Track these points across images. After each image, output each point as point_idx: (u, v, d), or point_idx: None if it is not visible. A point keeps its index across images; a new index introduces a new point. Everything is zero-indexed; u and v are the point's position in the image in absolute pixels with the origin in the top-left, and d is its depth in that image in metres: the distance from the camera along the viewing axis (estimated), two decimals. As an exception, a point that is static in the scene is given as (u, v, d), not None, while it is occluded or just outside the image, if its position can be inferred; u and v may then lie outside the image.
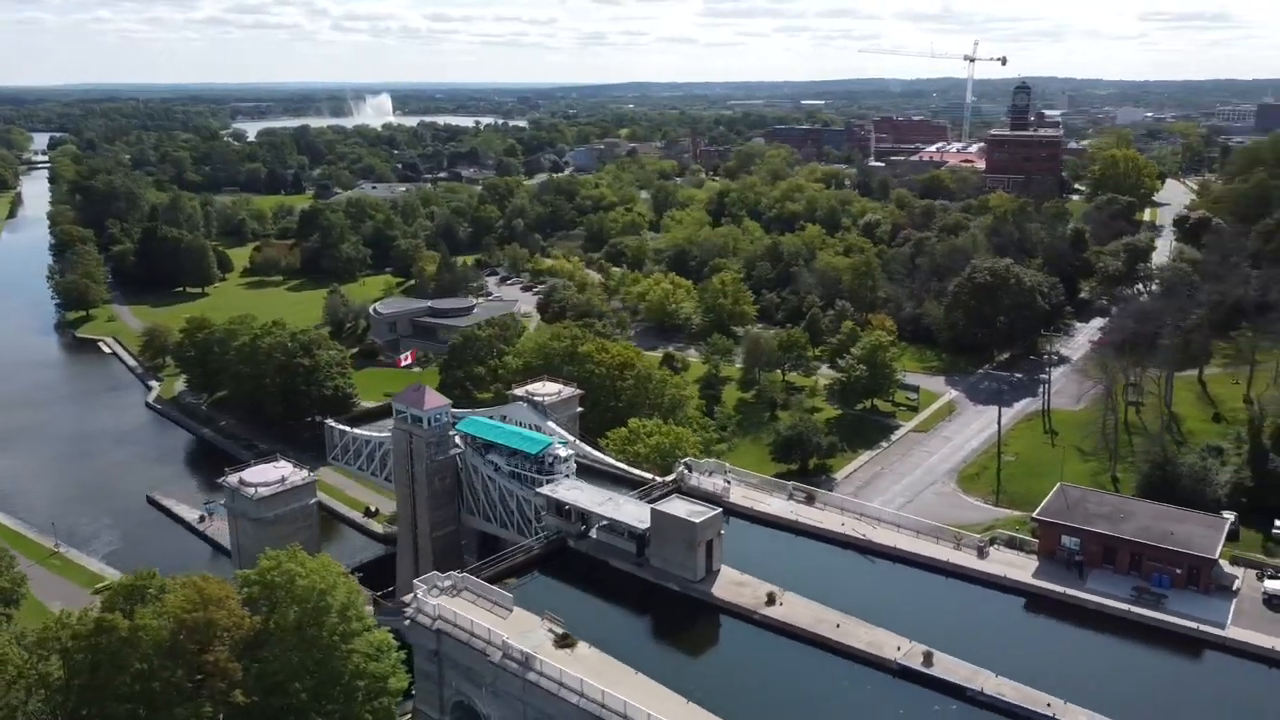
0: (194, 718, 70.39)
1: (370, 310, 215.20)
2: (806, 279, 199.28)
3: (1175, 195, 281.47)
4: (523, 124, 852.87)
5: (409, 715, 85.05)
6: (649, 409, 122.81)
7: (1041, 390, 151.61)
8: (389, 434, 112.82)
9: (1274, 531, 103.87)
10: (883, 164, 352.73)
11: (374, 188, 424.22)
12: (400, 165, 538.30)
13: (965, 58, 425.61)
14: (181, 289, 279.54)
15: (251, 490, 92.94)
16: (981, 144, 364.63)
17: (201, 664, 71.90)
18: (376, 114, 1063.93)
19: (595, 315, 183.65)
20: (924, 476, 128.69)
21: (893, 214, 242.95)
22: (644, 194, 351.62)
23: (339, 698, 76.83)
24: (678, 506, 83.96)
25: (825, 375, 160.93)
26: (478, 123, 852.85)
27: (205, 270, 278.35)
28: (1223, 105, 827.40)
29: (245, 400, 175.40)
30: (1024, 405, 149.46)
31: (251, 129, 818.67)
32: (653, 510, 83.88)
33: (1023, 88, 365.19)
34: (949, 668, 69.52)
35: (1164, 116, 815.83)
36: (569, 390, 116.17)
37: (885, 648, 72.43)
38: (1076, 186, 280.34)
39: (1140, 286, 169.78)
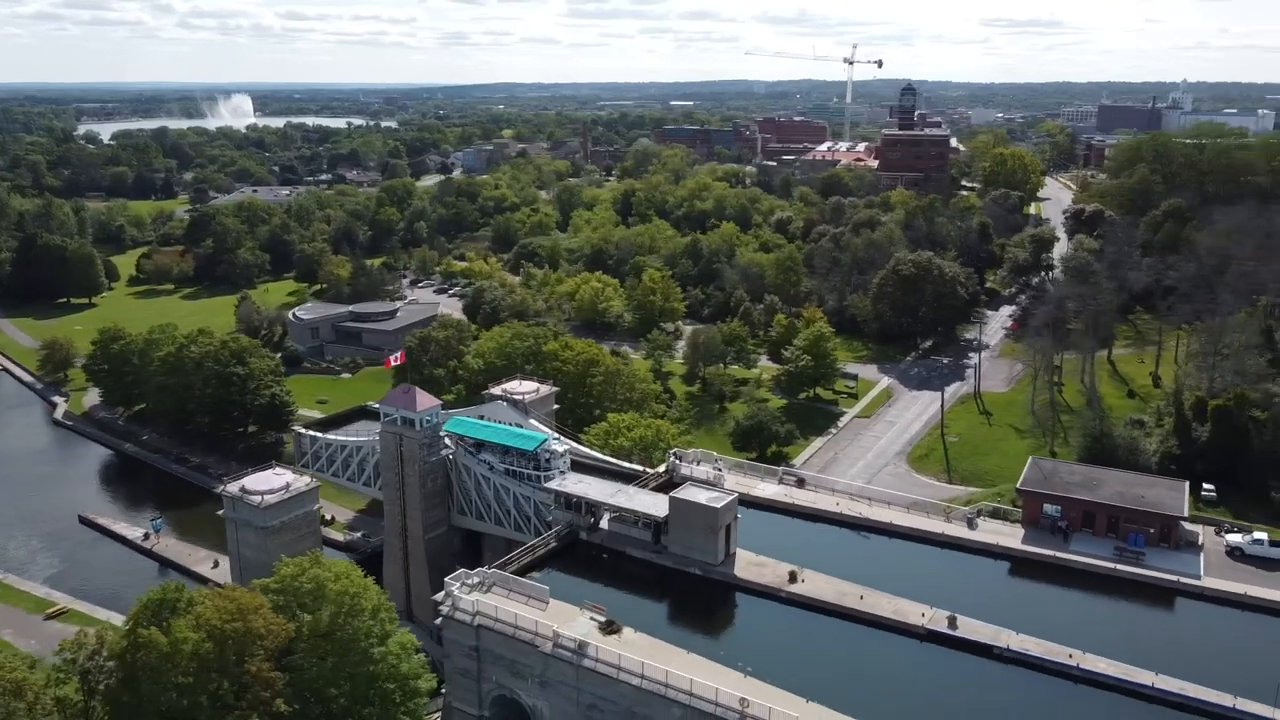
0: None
1: (289, 316, 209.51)
2: (730, 275, 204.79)
3: (1052, 191, 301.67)
4: (393, 124, 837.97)
5: (434, 715, 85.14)
6: (619, 404, 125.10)
7: (969, 374, 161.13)
8: (369, 438, 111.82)
9: (1203, 494, 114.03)
10: (775, 163, 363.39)
11: (255, 191, 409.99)
12: (278, 168, 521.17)
13: (845, 60, 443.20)
14: (66, 300, 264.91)
15: (257, 499, 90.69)
16: (867, 143, 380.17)
17: (242, 674, 70.67)
18: (235, 115, 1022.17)
19: (530, 316, 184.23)
20: (876, 459, 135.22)
21: (803, 211, 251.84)
22: (544, 194, 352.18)
23: (375, 700, 76.60)
24: (695, 493, 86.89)
25: (764, 367, 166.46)
26: (350, 124, 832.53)
27: (93, 279, 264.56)
28: (1066, 106, 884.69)
29: (170, 412, 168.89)
30: (955, 389, 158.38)
31: (103, 130, 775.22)
32: (671, 498, 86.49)
33: (909, 89, 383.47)
34: (973, 629, 74.78)
35: (1013, 117, 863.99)
36: (546, 388, 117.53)
37: (910, 615, 77.22)
38: (965, 183, 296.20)
39: (1045, 275, 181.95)
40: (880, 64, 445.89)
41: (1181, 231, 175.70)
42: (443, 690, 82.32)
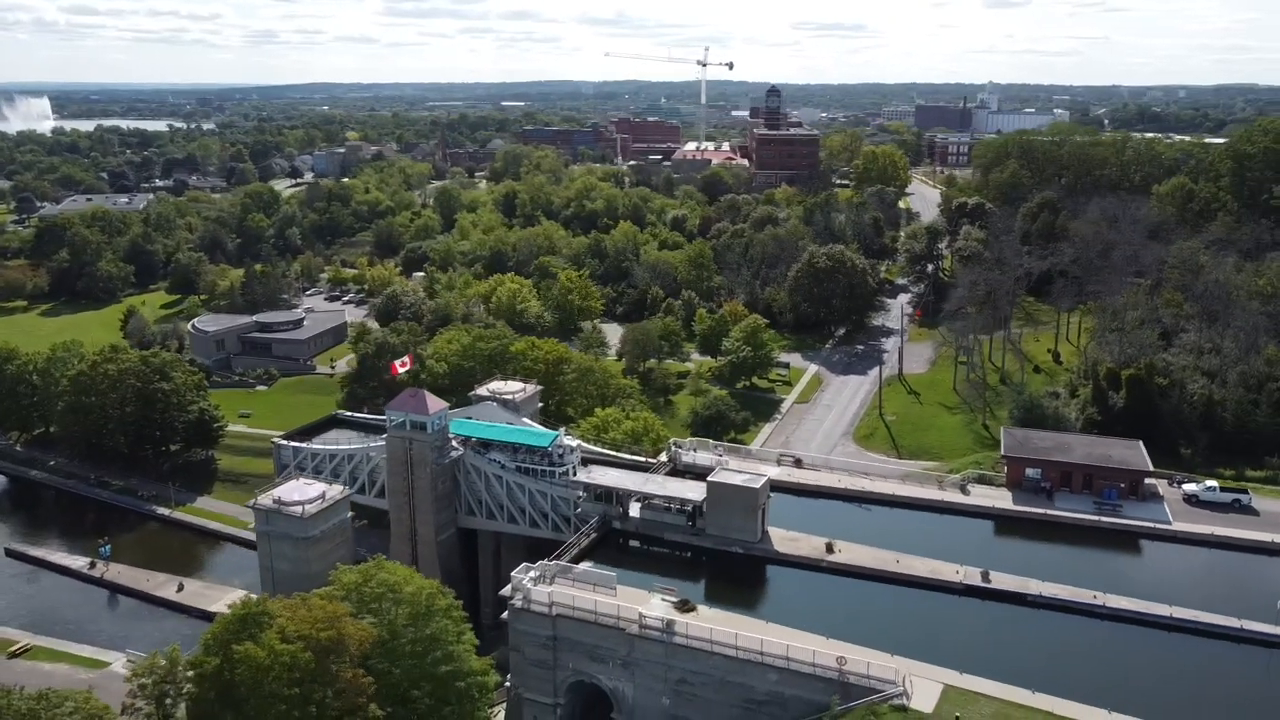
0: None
1: (190, 328, 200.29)
2: (641, 273, 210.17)
3: (913, 186, 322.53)
4: (212, 126, 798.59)
5: (496, 709, 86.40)
6: (592, 400, 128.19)
7: (887, 359, 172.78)
8: (362, 445, 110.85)
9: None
10: (643, 162, 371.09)
11: (89, 199, 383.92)
12: (107, 174, 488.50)
13: (698, 63, 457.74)
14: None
15: (298, 509, 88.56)
16: (729, 143, 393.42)
17: (336, 681, 70.62)
18: (30, 118, 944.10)
19: (456, 319, 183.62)
20: (825, 440, 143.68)
21: (697, 209, 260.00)
22: (415, 196, 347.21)
23: (454, 699, 77.53)
24: (731, 476, 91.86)
25: (697, 361, 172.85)
26: (171, 126, 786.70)
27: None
28: (886, 106, 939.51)
29: (79, 435, 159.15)
30: (878, 373, 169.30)
31: None
32: (710, 482, 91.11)
33: (773, 90, 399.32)
34: (1005, 581, 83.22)
35: (835, 116, 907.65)
36: (531, 387, 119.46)
37: (944, 573, 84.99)
38: (835, 180, 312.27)
39: (937, 264, 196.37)
40: (731, 66, 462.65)
41: (1055, 221, 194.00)
42: (506, 684, 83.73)
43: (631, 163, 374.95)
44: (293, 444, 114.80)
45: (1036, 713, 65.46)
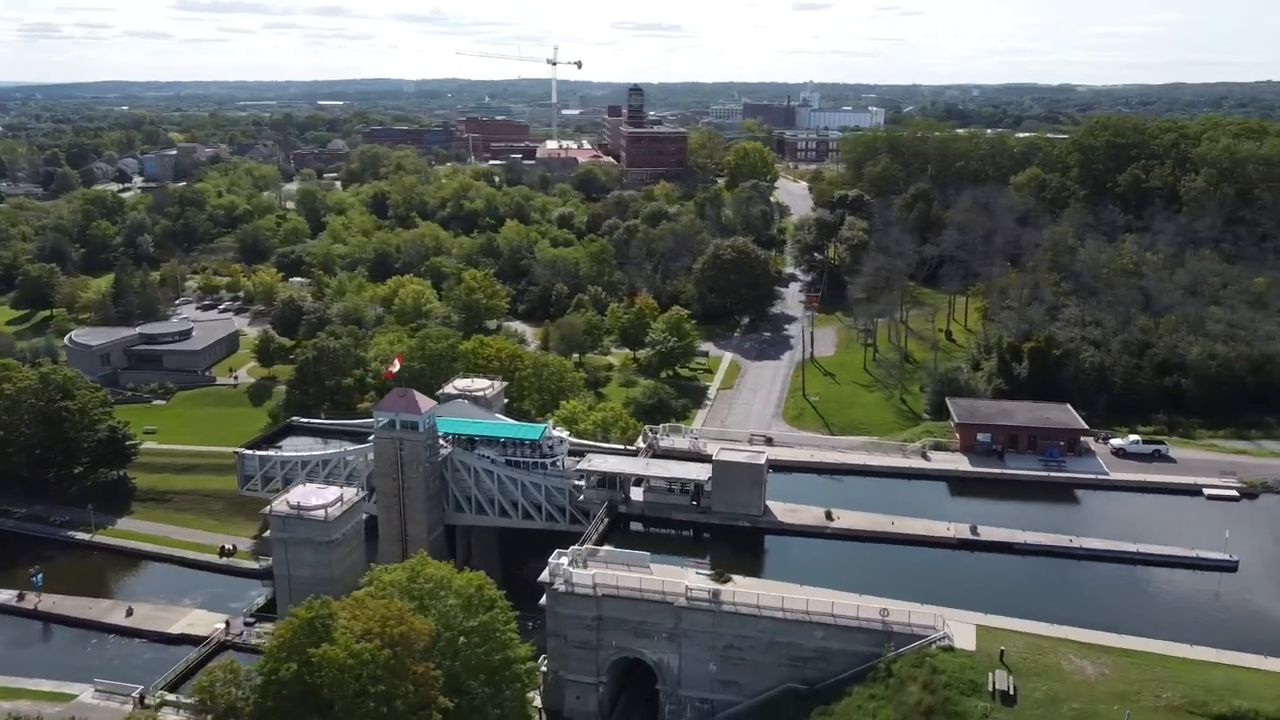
0: (426, 728, 70.26)
1: (67, 343, 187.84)
2: (541, 270, 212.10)
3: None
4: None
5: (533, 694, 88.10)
6: (548, 394, 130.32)
7: (794, 344, 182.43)
8: (340, 449, 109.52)
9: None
10: (503, 161, 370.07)
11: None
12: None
13: (548, 61, 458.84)
14: None
15: (320, 513, 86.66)
16: (586, 141, 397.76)
17: (411, 676, 71.43)
18: None
19: (360, 322, 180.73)
20: (758, 422, 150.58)
21: (582, 207, 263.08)
22: (268, 197, 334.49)
23: (508, 686, 79.13)
24: (733, 455, 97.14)
25: (617, 353, 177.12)
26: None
27: None
28: (716, 105, 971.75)
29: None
30: (789, 357, 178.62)
31: None
32: (715, 461, 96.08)
33: (636, 89, 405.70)
34: (992, 534, 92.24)
35: (662, 115, 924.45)
36: (498, 383, 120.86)
37: (937, 530, 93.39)
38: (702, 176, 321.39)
39: (832, 253, 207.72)
40: (580, 65, 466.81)
41: (930, 210, 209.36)
42: (541, 668, 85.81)
43: (496, 161, 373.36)
44: (259, 453, 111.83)
45: (1062, 642, 73.92)
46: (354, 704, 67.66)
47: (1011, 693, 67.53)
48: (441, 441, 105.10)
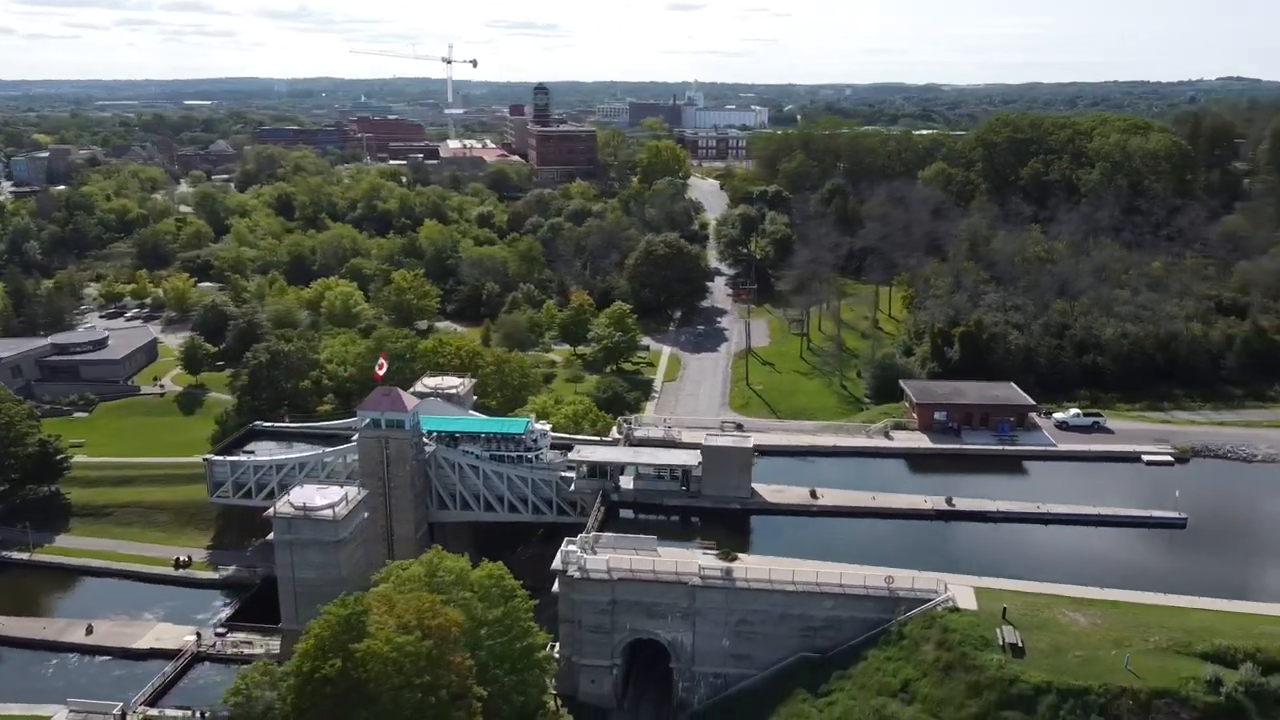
0: (467, 716, 71.30)
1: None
2: (469, 270, 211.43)
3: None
4: None
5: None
6: (510, 390, 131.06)
7: (729, 336, 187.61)
8: (317, 451, 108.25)
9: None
10: (404, 161, 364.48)
11: None
12: None
13: (443, 60, 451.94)
14: None
15: (329, 512, 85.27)
16: (488, 141, 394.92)
17: (450, 667, 72.34)
18: None
19: (293, 325, 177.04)
20: (708, 411, 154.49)
21: (508, 206, 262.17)
22: (165, 201, 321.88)
23: (526, 673, 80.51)
24: (721, 440, 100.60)
25: (559, 350, 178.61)
26: None
27: None
28: (601, 104, 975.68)
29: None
30: (726, 349, 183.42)
31: None
32: (705, 446, 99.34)
33: (541, 88, 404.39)
34: (966, 505, 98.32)
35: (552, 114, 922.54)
36: (469, 381, 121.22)
37: (916, 503, 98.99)
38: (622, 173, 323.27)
39: (754, 247, 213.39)
40: (475, 64, 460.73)
41: (847, 205, 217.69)
42: (555, 654, 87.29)
43: (398, 161, 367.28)
44: (230, 459, 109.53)
45: (1053, 598, 79.96)
46: (400, 696, 68.16)
47: (1020, 645, 72.88)
48: (425, 439, 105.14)
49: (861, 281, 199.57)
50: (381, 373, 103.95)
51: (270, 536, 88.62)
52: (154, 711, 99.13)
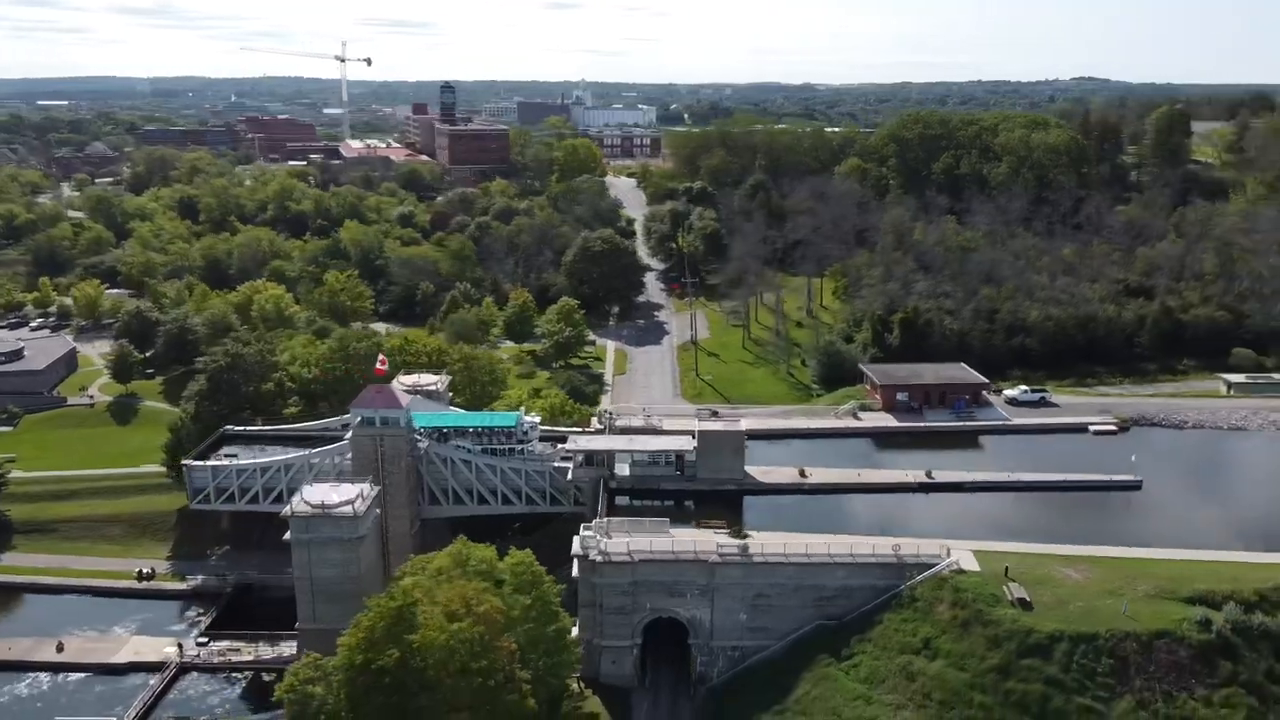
0: (519, 699, 73.00)
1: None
2: (399, 270, 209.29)
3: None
4: None
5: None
6: (481, 385, 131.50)
7: (669, 329, 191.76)
8: (303, 454, 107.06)
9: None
10: (305, 162, 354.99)
11: None
12: None
13: (336, 58, 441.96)
14: None
15: (348, 509, 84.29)
16: (390, 141, 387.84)
17: (500, 652, 73.83)
18: None
19: (227, 329, 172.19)
20: (661, 401, 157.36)
21: (429, 205, 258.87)
22: (55, 205, 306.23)
23: (557, 656, 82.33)
24: (714, 425, 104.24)
25: (506, 347, 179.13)
26: None
27: None
28: (487, 104, 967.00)
29: None
30: (668, 342, 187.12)
31: None
32: (700, 431, 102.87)
33: (448, 87, 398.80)
34: (945, 476, 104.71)
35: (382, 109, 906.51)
36: (444, 377, 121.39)
37: (898, 477, 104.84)
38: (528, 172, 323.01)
39: (682, 242, 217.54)
40: (370, 62, 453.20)
41: (770, 200, 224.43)
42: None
43: (295, 162, 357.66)
44: (211, 464, 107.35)
45: (1045, 557, 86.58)
46: (459, 682, 69.41)
47: (1027, 599, 78.83)
48: (417, 435, 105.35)
49: (790, 274, 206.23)
50: (384, 369, 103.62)
51: (288, 535, 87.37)
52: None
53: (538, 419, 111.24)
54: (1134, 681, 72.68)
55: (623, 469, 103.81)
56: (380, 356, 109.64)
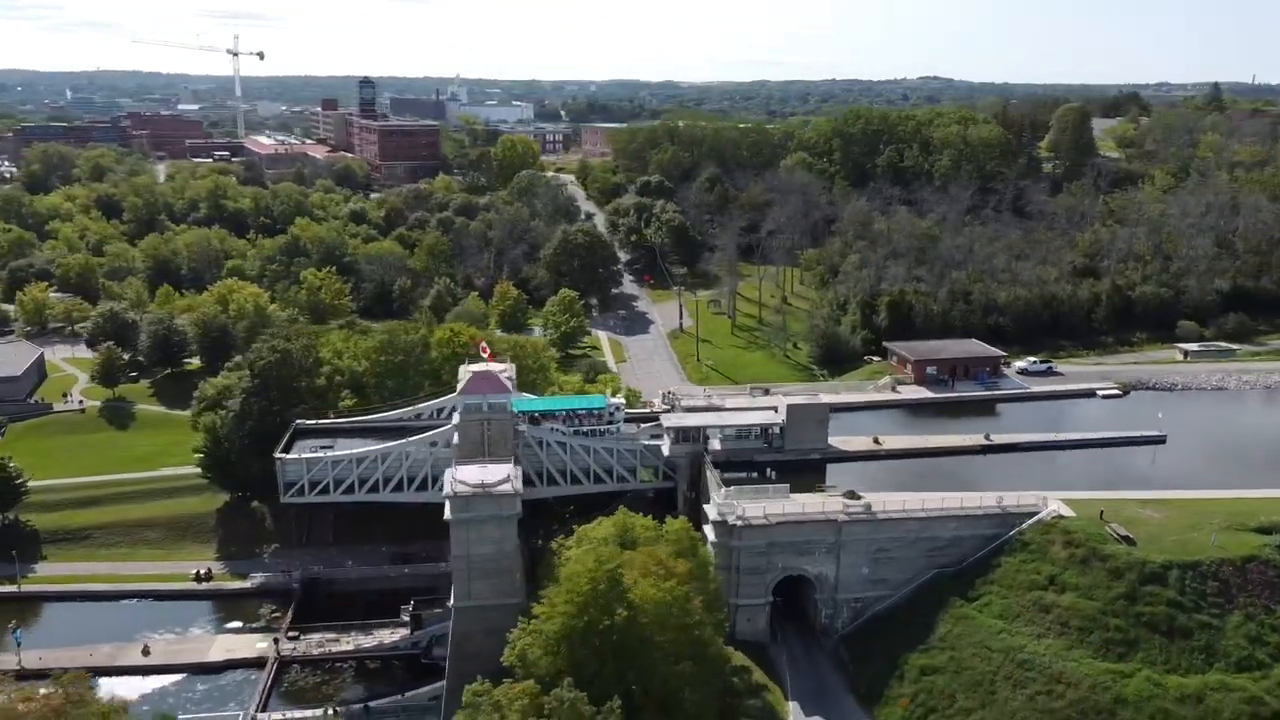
0: (718, 650, 78.71)
1: None
2: (366, 267, 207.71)
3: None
4: None
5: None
6: (527, 373, 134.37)
7: (651, 318, 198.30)
8: (398, 443, 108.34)
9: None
10: (210, 159, 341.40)
11: None
12: None
13: (229, 52, 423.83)
14: None
15: (507, 486, 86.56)
16: (302, 138, 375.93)
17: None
18: None
19: (217, 328, 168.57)
20: (670, 385, 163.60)
21: (383, 203, 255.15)
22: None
23: (715, 613, 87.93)
24: (800, 399, 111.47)
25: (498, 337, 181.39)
26: None
27: None
28: (381, 98, 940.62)
29: None
30: (655, 330, 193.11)
31: None
32: (789, 405, 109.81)
33: (368, 82, 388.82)
34: (1002, 438, 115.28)
35: (299, 109, 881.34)
36: (512, 365, 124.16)
37: (962, 441, 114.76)
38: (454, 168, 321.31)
39: (652, 233, 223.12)
40: (262, 56, 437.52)
41: (726, 194, 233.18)
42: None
43: (200, 159, 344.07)
44: (304, 456, 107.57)
45: (1122, 502, 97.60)
46: (677, 638, 74.43)
47: (1130, 537, 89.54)
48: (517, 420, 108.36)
49: (751, 264, 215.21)
50: (487, 355, 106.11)
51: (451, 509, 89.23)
52: (277, 716, 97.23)
53: (622, 400, 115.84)
54: (1237, 599, 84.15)
55: (715, 444, 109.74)
56: (483, 344, 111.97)
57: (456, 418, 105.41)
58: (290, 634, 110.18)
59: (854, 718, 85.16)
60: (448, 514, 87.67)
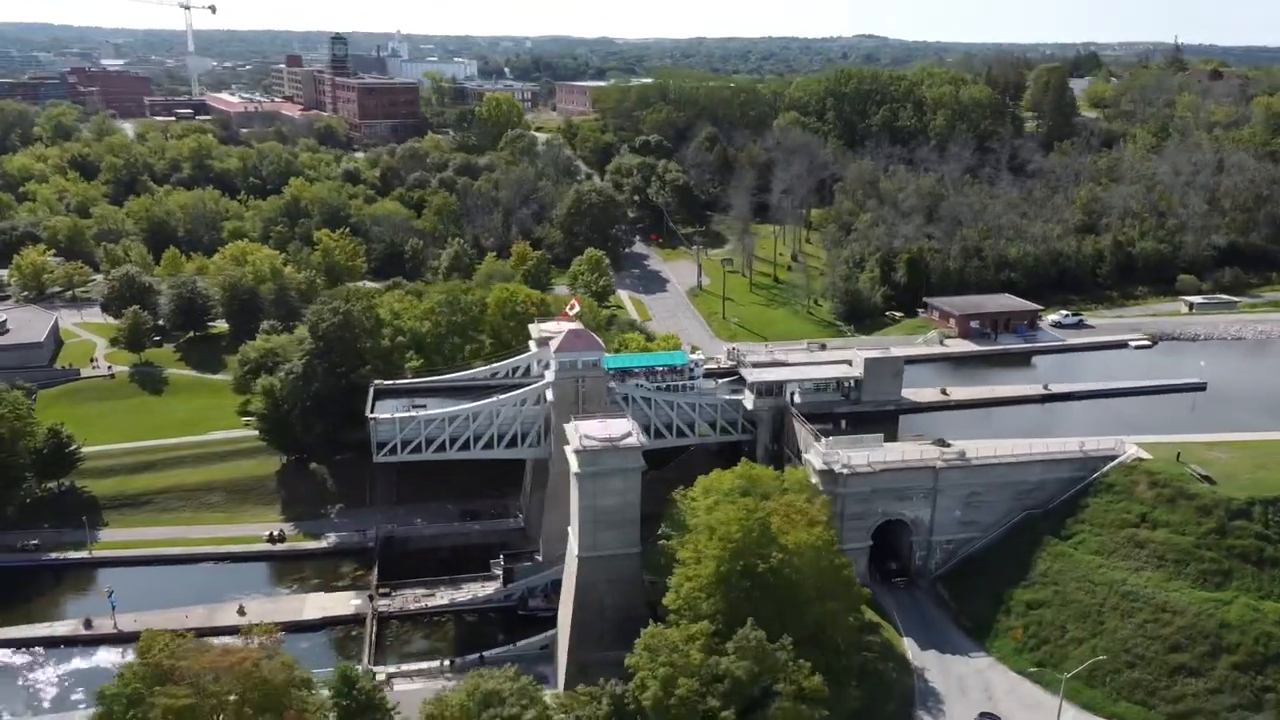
0: (858, 588, 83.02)
1: None
2: (374, 228, 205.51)
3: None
4: None
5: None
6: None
7: (665, 276, 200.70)
8: (495, 399, 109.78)
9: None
10: (173, 117, 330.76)
11: None
12: None
13: (180, 5, 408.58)
14: None
15: (633, 439, 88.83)
16: (270, 96, 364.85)
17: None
18: None
19: (248, 292, 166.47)
20: (700, 343, 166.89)
21: (375, 161, 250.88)
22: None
23: (835, 556, 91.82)
24: (875, 352, 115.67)
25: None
26: None
27: None
28: (308, 56, 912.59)
29: None
30: (673, 288, 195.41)
31: None
32: (866, 359, 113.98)
33: (340, 39, 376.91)
34: (1058, 388, 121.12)
35: (230, 65, 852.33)
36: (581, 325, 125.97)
37: (1023, 390, 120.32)
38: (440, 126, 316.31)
39: (656, 191, 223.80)
40: (214, 10, 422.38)
41: (725, 152, 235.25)
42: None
43: (161, 118, 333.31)
44: (398, 415, 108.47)
45: (1191, 445, 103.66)
46: (825, 579, 78.43)
47: (1210, 476, 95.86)
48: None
49: (758, 222, 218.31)
50: (573, 313, 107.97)
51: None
52: (393, 668, 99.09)
53: (701, 356, 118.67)
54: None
55: (796, 397, 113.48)
56: (571, 302, 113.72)
57: (550, 375, 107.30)
58: (381, 590, 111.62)
59: (966, 649, 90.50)
60: (575, 467, 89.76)
